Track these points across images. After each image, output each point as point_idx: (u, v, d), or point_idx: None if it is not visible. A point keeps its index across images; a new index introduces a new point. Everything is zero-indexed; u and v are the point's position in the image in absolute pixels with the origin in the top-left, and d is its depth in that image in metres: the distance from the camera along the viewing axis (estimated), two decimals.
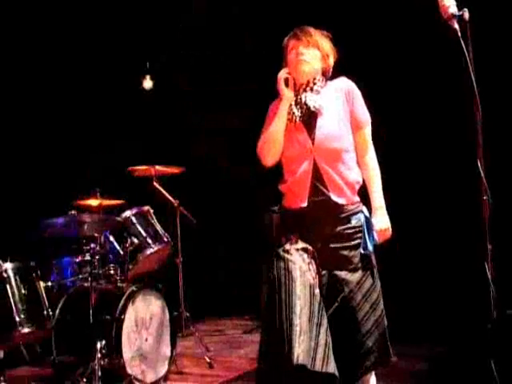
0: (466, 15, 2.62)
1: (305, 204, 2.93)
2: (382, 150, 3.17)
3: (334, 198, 2.92)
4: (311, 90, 3.01)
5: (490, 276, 2.53)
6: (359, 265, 2.93)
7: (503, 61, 5.12)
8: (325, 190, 2.93)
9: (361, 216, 2.98)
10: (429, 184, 5.69)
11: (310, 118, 2.99)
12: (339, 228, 2.93)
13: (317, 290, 2.84)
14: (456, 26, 2.62)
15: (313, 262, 2.90)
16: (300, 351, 2.70)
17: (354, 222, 2.95)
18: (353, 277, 2.92)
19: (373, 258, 3.00)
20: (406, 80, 5.65)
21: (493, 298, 2.55)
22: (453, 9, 2.64)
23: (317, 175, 2.94)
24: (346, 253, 2.92)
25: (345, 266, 2.92)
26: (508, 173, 4.95)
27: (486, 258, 2.55)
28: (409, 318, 5.22)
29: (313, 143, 2.95)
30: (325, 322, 2.82)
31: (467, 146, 2.80)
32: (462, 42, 2.59)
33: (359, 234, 2.95)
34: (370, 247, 2.96)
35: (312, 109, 2.98)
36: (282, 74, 3.00)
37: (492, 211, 2.56)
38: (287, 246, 2.91)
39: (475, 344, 3.80)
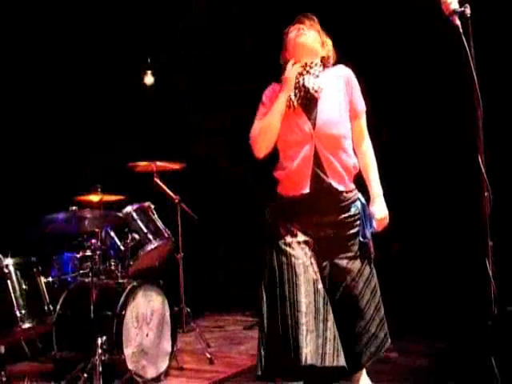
0: (468, 11, 2.61)
1: (307, 190, 2.91)
2: (381, 146, 3.18)
3: (335, 184, 2.92)
4: (308, 72, 2.99)
5: (490, 272, 2.53)
6: (358, 253, 2.97)
7: (504, 57, 5.11)
8: (324, 177, 2.92)
9: (358, 203, 3.01)
10: (429, 180, 5.69)
11: (309, 103, 2.98)
12: (340, 217, 2.95)
13: (320, 285, 2.84)
14: (457, 22, 2.61)
15: (313, 255, 2.90)
16: (308, 351, 2.70)
17: (353, 210, 2.98)
18: (354, 265, 2.94)
19: (371, 245, 3.03)
20: (406, 76, 5.64)
21: (493, 294, 2.55)
22: (454, 5, 2.64)
23: (317, 161, 2.93)
24: (346, 241, 2.95)
25: (345, 254, 2.94)
26: (508, 169, 4.94)
27: (487, 254, 2.55)
28: (409, 314, 5.23)
29: (313, 128, 2.94)
30: (330, 316, 2.82)
31: (468, 142, 2.80)
32: (464, 38, 2.59)
33: (358, 222, 2.98)
34: (368, 235, 2.99)
35: (311, 91, 2.96)
36: (297, 67, 2.96)
37: (492, 207, 2.56)
38: (288, 239, 2.90)
39: (476, 341, 3.80)
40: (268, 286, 2.90)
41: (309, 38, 3.00)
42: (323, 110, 2.95)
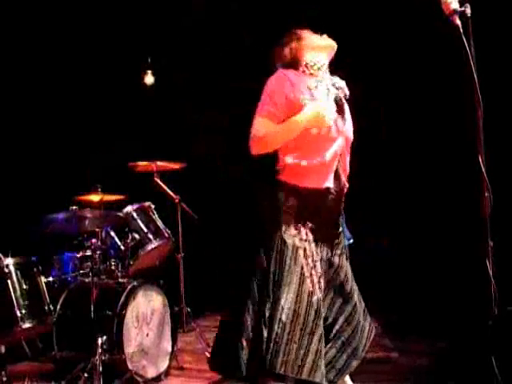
0: (468, 11, 2.61)
1: (330, 184, 2.91)
2: (381, 145, 3.18)
3: (346, 183, 2.96)
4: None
5: (490, 272, 2.53)
6: (343, 250, 3.04)
7: (504, 57, 5.11)
8: (341, 174, 2.94)
9: None
10: (429, 180, 5.69)
11: (337, 103, 2.97)
12: (340, 216, 3.02)
13: (314, 298, 2.81)
14: (458, 21, 2.61)
15: (317, 262, 2.89)
16: (285, 360, 2.69)
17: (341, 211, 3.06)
18: (343, 261, 3.01)
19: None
20: (406, 76, 5.64)
21: (494, 294, 2.55)
22: (455, 5, 2.64)
23: (339, 158, 2.96)
24: (337, 239, 3.01)
25: (336, 251, 2.99)
26: (508, 169, 4.94)
27: (487, 254, 2.55)
28: (410, 314, 5.23)
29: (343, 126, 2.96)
30: (319, 329, 2.80)
31: (468, 142, 2.80)
32: (464, 38, 2.59)
33: (341, 222, 3.06)
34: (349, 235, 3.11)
35: (343, 92, 2.99)
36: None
37: (493, 207, 2.57)
38: (298, 243, 2.85)
39: (476, 340, 3.80)
40: (263, 285, 2.84)
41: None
42: (347, 113, 2.99)
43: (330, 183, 2.92)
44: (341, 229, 3.03)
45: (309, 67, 2.96)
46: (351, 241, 3.10)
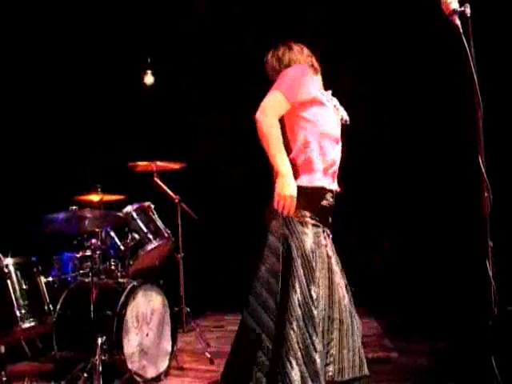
0: (468, 11, 2.61)
1: (336, 186, 2.93)
2: (383, 145, 3.18)
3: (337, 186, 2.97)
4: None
5: (490, 273, 2.53)
6: (334, 248, 3.01)
7: (504, 57, 5.11)
8: (336, 176, 2.96)
9: None
10: (430, 180, 5.69)
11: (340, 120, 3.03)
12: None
13: (346, 301, 2.85)
14: (458, 22, 2.61)
15: (338, 265, 2.90)
16: (341, 367, 2.73)
17: None
18: (338, 259, 2.96)
19: None
20: (406, 76, 5.64)
21: (493, 294, 2.55)
22: (454, 5, 2.64)
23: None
24: (331, 237, 3.00)
25: (333, 248, 2.97)
26: (508, 169, 4.95)
27: (487, 254, 2.55)
28: (410, 314, 5.23)
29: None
30: (355, 329, 2.82)
31: (468, 143, 2.80)
32: (464, 38, 2.59)
33: None
34: None
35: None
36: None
37: (493, 207, 2.57)
38: (323, 249, 2.83)
39: (476, 340, 3.80)
40: (300, 298, 2.75)
41: None
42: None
43: (335, 185, 2.93)
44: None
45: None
46: (330, 236, 3.07)
